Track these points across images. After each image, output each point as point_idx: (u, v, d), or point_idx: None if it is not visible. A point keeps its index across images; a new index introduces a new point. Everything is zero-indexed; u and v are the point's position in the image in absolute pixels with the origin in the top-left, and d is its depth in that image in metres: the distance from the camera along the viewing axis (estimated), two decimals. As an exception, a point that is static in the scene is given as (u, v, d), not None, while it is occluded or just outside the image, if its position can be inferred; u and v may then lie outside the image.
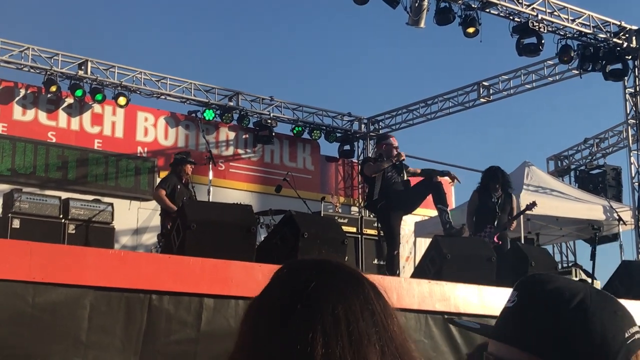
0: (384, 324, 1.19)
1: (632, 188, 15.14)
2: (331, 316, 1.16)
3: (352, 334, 1.14)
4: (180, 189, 10.48)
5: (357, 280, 1.23)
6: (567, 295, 1.33)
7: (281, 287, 1.25)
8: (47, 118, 15.79)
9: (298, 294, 1.19)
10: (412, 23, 13.22)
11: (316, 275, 1.22)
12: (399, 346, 1.18)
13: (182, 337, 5.51)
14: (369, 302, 1.20)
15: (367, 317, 1.18)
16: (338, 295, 1.19)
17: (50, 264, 5.04)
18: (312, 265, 1.26)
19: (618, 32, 14.82)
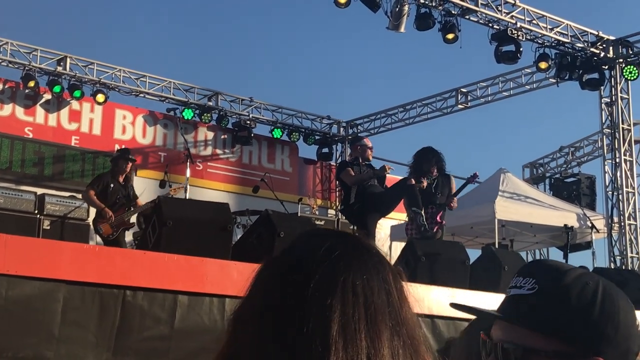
0: (397, 307, 1.18)
1: (606, 197, 15.29)
2: (351, 286, 1.15)
3: (368, 308, 1.14)
4: (114, 187, 10.24)
5: (378, 259, 1.22)
6: (591, 284, 1.38)
7: (304, 249, 1.22)
8: (24, 113, 15.69)
9: (320, 259, 1.17)
10: (393, 28, 13.30)
11: (340, 244, 1.20)
12: (410, 331, 1.18)
13: (156, 333, 5.52)
14: (387, 283, 1.19)
15: (382, 295, 1.17)
16: (359, 267, 1.17)
17: (25, 257, 5.03)
18: (336, 234, 1.25)
19: (595, 42, 14.97)
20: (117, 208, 10.10)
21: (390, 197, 9.64)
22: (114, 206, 10.08)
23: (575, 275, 1.39)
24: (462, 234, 15.76)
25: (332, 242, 1.20)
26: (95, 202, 10.08)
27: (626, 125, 15.14)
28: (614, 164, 15.11)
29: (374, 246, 1.26)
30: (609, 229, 14.97)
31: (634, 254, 14.62)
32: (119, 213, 10.06)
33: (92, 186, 10.24)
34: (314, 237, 1.24)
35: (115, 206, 10.10)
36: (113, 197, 10.13)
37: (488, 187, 16.44)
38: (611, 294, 1.38)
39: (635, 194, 15.12)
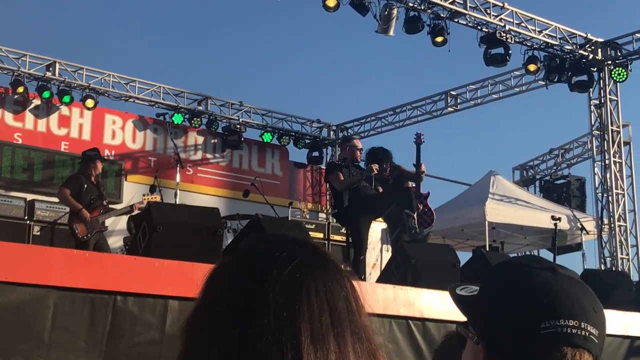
0: (357, 314, 1.20)
1: (596, 198, 15.34)
2: (315, 293, 1.16)
3: (333, 315, 1.15)
4: (87, 187, 10.17)
5: (337, 267, 1.23)
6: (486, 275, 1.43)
7: (264, 254, 1.21)
8: (13, 119, 15.64)
9: (283, 265, 1.17)
10: (382, 31, 13.32)
11: (300, 251, 1.21)
12: (368, 337, 1.20)
13: (147, 338, 5.50)
14: (346, 290, 1.20)
15: (343, 303, 1.18)
16: (321, 275, 1.19)
17: (14, 263, 5.01)
18: (295, 242, 1.25)
19: (584, 44, 15.04)
20: (92, 209, 10.04)
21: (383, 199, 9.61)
22: (89, 207, 10.03)
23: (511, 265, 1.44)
24: (452, 236, 15.79)
25: (292, 249, 1.21)
26: (72, 202, 9.99)
27: (615, 127, 15.21)
28: (603, 165, 15.16)
29: (331, 254, 1.27)
30: (599, 231, 15.03)
31: (624, 256, 14.67)
32: (94, 214, 10.01)
33: (67, 186, 10.15)
34: (273, 244, 1.24)
35: (90, 207, 10.05)
36: (87, 198, 10.07)
37: (478, 189, 16.49)
38: (496, 277, 1.41)
39: (625, 195, 15.18)
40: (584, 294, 1.35)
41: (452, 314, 6.97)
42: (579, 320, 1.30)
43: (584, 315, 1.31)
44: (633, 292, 9.26)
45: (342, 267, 1.26)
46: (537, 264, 1.38)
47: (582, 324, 1.30)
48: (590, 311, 1.33)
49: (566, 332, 1.29)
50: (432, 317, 7.05)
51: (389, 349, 6.70)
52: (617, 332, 8.12)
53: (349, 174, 9.51)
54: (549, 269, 1.37)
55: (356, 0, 12.95)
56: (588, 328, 1.31)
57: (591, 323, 1.31)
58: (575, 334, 1.30)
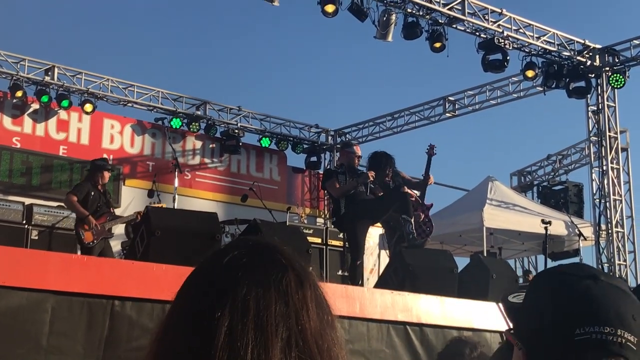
0: (297, 316, 1.18)
1: (593, 204, 15.36)
2: (242, 300, 1.17)
3: (258, 322, 1.16)
4: (94, 195, 10.25)
5: (281, 268, 1.23)
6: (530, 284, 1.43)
7: (209, 263, 1.27)
8: (12, 123, 15.65)
9: (219, 273, 1.22)
10: (380, 37, 13.35)
11: (244, 256, 1.24)
12: (310, 336, 1.18)
13: (144, 343, 5.47)
14: (286, 293, 1.20)
15: (279, 307, 1.18)
16: (257, 280, 1.19)
17: (12, 267, 5.02)
18: (247, 245, 1.28)
19: (582, 51, 15.07)
20: (98, 216, 10.11)
21: (380, 204, 9.60)
22: (95, 214, 10.09)
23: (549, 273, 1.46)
24: (450, 242, 15.79)
25: (238, 253, 1.24)
26: (79, 209, 10.07)
27: (613, 133, 15.23)
28: (601, 171, 15.18)
29: (282, 253, 1.27)
30: (596, 237, 15.04)
31: (621, 262, 14.69)
32: (100, 221, 10.07)
33: (75, 192, 10.22)
34: (229, 248, 1.28)
35: (97, 214, 10.11)
36: (94, 205, 10.15)
37: (476, 195, 16.49)
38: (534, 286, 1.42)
39: (623, 201, 15.20)
40: (625, 302, 1.34)
41: (450, 319, 7.00)
42: (614, 327, 1.29)
43: (621, 322, 1.30)
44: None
45: (301, 274, 1.25)
46: (580, 272, 1.38)
47: (619, 330, 1.29)
48: (629, 318, 1.31)
49: (600, 339, 1.29)
50: (430, 322, 7.06)
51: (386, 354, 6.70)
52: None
53: (345, 180, 9.48)
54: (591, 277, 1.37)
55: (355, 6, 12.98)
56: (625, 335, 1.29)
57: (629, 330, 1.30)
58: (610, 340, 1.29)
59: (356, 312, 6.56)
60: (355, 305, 6.56)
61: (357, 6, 13.00)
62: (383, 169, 9.77)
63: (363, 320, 6.54)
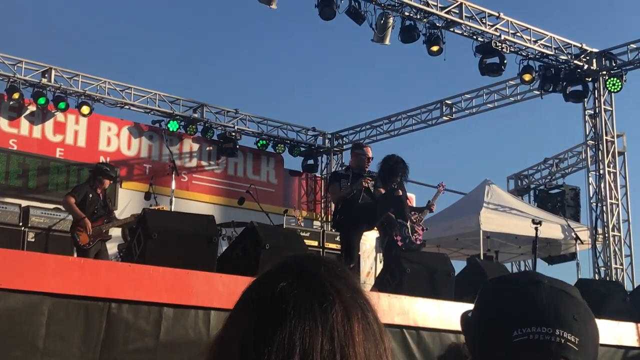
0: (342, 352, 1.16)
1: (590, 208, 15.37)
2: (289, 338, 1.15)
3: (304, 357, 1.14)
4: (92, 198, 10.17)
5: (329, 301, 1.20)
6: None
7: (260, 289, 1.24)
8: (8, 125, 15.64)
9: (269, 303, 1.19)
10: (378, 40, 13.36)
11: (294, 287, 1.21)
12: None
13: (141, 346, 5.50)
14: (333, 328, 1.17)
15: (325, 344, 1.16)
16: (304, 316, 1.17)
17: (9, 269, 5.00)
18: (297, 270, 1.24)
19: (579, 54, 15.09)
20: (95, 218, 10.07)
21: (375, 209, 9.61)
22: (92, 216, 10.05)
23: None
24: (447, 245, 15.80)
25: (289, 285, 1.20)
26: (76, 211, 10.03)
27: (610, 137, 15.25)
28: (597, 175, 15.20)
29: (332, 282, 1.23)
30: (593, 240, 15.05)
31: (618, 265, 14.70)
32: (97, 223, 10.03)
33: (73, 194, 10.19)
34: (280, 273, 1.24)
35: (94, 217, 10.07)
36: (91, 208, 10.10)
37: (473, 198, 16.49)
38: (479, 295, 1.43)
39: (619, 205, 15.21)
40: (565, 303, 1.34)
41: (447, 323, 6.99)
42: (552, 327, 1.29)
43: (560, 322, 1.30)
44: (627, 302, 9.28)
45: (349, 305, 1.22)
46: (522, 278, 1.40)
47: (557, 330, 1.29)
48: (569, 319, 1.31)
49: (538, 339, 1.29)
50: (427, 326, 7.05)
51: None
52: (611, 342, 8.13)
53: (347, 184, 9.50)
54: (533, 282, 1.37)
55: (352, 9, 13.00)
56: (564, 335, 1.29)
57: (569, 330, 1.30)
58: (548, 340, 1.29)
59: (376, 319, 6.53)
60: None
61: (354, 9, 13.02)
62: (395, 175, 9.76)
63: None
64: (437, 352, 6.88)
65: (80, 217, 9.93)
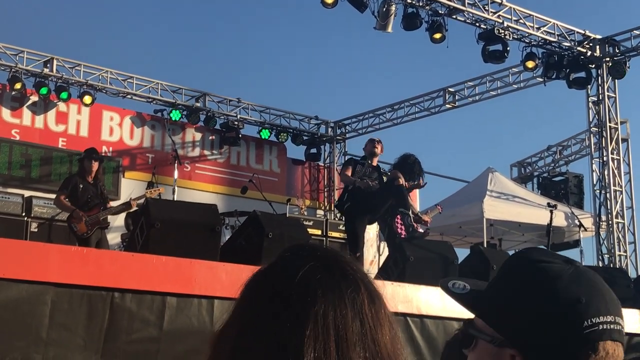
0: (372, 334, 1.18)
1: (594, 195, 15.34)
2: (322, 322, 1.15)
3: (340, 341, 1.15)
4: (83, 187, 10.13)
5: (355, 285, 1.21)
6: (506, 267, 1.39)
7: (280, 274, 1.23)
8: (11, 115, 15.62)
9: (295, 288, 1.18)
10: (380, 28, 13.31)
11: (317, 271, 1.20)
12: (385, 354, 1.18)
13: (144, 335, 5.50)
14: (361, 311, 1.19)
15: (356, 325, 1.17)
16: (334, 300, 1.18)
17: (12, 260, 5.01)
18: (317, 257, 1.24)
19: (582, 41, 15.03)
20: (90, 207, 10.03)
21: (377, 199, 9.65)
22: (86, 205, 10.02)
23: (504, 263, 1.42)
24: (450, 233, 15.80)
25: (311, 268, 1.20)
26: (66, 206, 10.03)
27: (613, 124, 15.21)
28: (601, 162, 15.16)
29: (352, 267, 1.24)
30: (596, 228, 15.03)
31: (621, 252, 14.68)
32: (93, 212, 9.99)
33: (62, 191, 10.13)
34: (295, 258, 1.24)
35: (88, 205, 10.03)
36: (84, 197, 10.06)
37: (476, 186, 16.49)
38: (523, 280, 1.34)
39: (623, 192, 15.19)
40: (605, 285, 1.36)
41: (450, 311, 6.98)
42: (614, 315, 1.31)
43: (616, 308, 1.33)
44: (631, 289, 9.27)
45: (372, 290, 1.24)
46: (554, 258, 1.36)
47: (617, 318, 1.31)
48: (619, 304, 1.34)
49: (607, 329, 1.30)
50: (431, 314, 7.06)
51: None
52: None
53: (362, 171, 9.69)
54: (567, 262, 1.36)
55: (354, -3, 12.94)
56: (620, 322, 1.32)
57: (620, 316, 1.33)
58: (614, 329, 1.30)
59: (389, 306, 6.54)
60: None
61: (356, -3, 12.96)
62: (411, 174, 9.91)
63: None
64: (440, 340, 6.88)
65: (70, 210, 9.93)
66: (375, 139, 10.30)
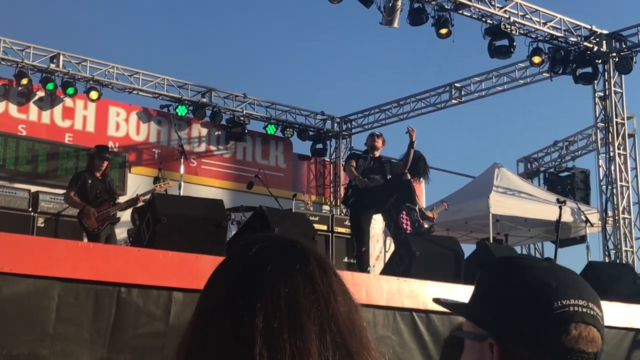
0: (326, 302, 1.23)
1: (600, 191, 15.31)
2: (273, 291, 1.21)
3: (291, 310, 1.19)
4: (92, 183, 10.15)
5: (304, 258, 1.27)
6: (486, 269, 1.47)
7: (234, 260, 1.31)
8: (17, 111, 15.65)
9: (246, 269, 1.25)
10: (386, 23, 13.29)
11: (266, 251, 1.28)
12: (341, 321, 1.22)
13: (151, 330, 5.51)
14: (313, 281, 1.24)
15: (308, 294, 1.22)
16: (283, 273, 1.23)
17: (19, 254, 5.02)
18: (265, 240, 1.31)
19: (589, 36, 14.99)
20: (99, 203, 10.04)
21: (383, 193, 9.66)
22: (95, 201, 10.03)
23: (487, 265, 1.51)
24: (456, 228, 15.79)
25: (261, 247, 1.28)
26: (76, 202, 10.04)
27: (620, 119, 15.17)
28: (607, 158, 15.13)
29: (302, 244, 1.31)
30: (603, 223, 15.00)
31: (628, 248, 14.66)
32: (103, 208, 10.01)
33: (71, 187, 10.14)
34: (250, 243, 1.30)
35: (97, 201, 10.04)
36: (93, 193, 10.08)
37: (482, 182, 16.48)
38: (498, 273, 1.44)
39: (630, 187, 15.15)
40: (582, 279, 1.43)
41: (456, 306, 6.97)
42: (587, 300, 1.37)
43: (589, 295, 1.39)
44: (637, 284, 9.25)
45: (322, 262, 1.29)
46: (533, 257, 1.46)
47: (589, 303, 1.37)
48: (594, 293, 1.40)
49: (577, 310, 1.36)
50: (436, 309, 7.04)
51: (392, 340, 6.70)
52: (621, 325, 8.11)
53: (364, 165, 9.80)
54: (546, 259, 1.45)
55: (360, -8, 12.92)
56: (594, 308, 1.37)
57: (595, 304, 1.38)
58: (586, 312, 1.36)
59: (362, 298, 6.55)
60: (361, 292, 6.55)
61: (362, -8, 12.94)
62: (417, 170, 10.06)
63: (369, 307, 6.52)
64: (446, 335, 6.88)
65: (80, 206, 9.94)
66: (375, 133, 10.36)
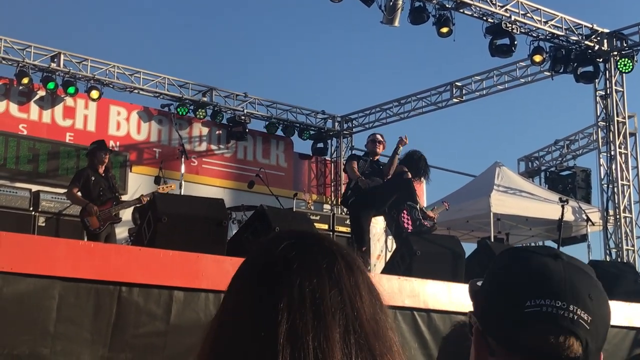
0: (351, 302, 1.21)
1: (601, 189, 15.30)
2: (299, 291, 1.19)
3: (316, 310, 1.18)
4: (95, 180, 10.12)
5: (331, 257, 1.26)
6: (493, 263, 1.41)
7: (259, 257, 1.29)
8: (18, 110, 15.65)
9: (271, 266, 1.24)
10: (387, 22, 13.28)
11: (293, 248, 1.26)
12: (366, 322, 1.21)
13: (152, 329, 5.51)
14: (339, 280, 1.23)
15: (334, 294, 1.21)
16: (309, 271, 1.22)
17: (20, 254, 5.02)
18: (292, 237, 1.30)
19: (590, 35, 14.97)
20: (102, 201, 10.01)
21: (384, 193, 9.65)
22: (99, 199, 10.00)
23: None
24: (457, 227, 15.79)
25: (287, 245, 1.26)
26: (78, 199, 10.01)
27: (621, 118, 15.16)
28: (609, 156, 15.11)
29: (329, 241, 1.30)
30: (604, 222, 14.99)
31: (629, 247, 14.65)
32: (106, 206, 9.98)
33: (74, 184, 10.11)
34: (276, 240, 1.29)
35: (101, 199, 10.02)
36: (96, 190, 10.05)
37: (483, 180, 16.47)
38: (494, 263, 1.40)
39: (631, 186, 15.14)
40: (581, 281, 1.31)
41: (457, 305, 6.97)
42: (567, 302, 1.26)
43: (575, 298, 1.27)
44: (638, 283, 9.24)
45: (350, 260, 1.28)
46: (541, 251, 1.37)
47: (571, 306, 1.26)
48: (585, 297, 1.28)
49: (550, 312, 1.26)
50: (437, 308, 7.05)
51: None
52: (622, 324, 8.11)
53: (364, 166, 9.81)
54: (551, 255, 1.34)
55: (361, -9, 12.92)
56: (577, 312, 1.26)
57: (582, 308, 1.27)
58: (561, 315, 1.26)
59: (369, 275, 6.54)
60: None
61: (363, -9, 12.93)
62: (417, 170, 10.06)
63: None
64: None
65: (84, 203, 9.90)
66: (377, 139, 10.28)
